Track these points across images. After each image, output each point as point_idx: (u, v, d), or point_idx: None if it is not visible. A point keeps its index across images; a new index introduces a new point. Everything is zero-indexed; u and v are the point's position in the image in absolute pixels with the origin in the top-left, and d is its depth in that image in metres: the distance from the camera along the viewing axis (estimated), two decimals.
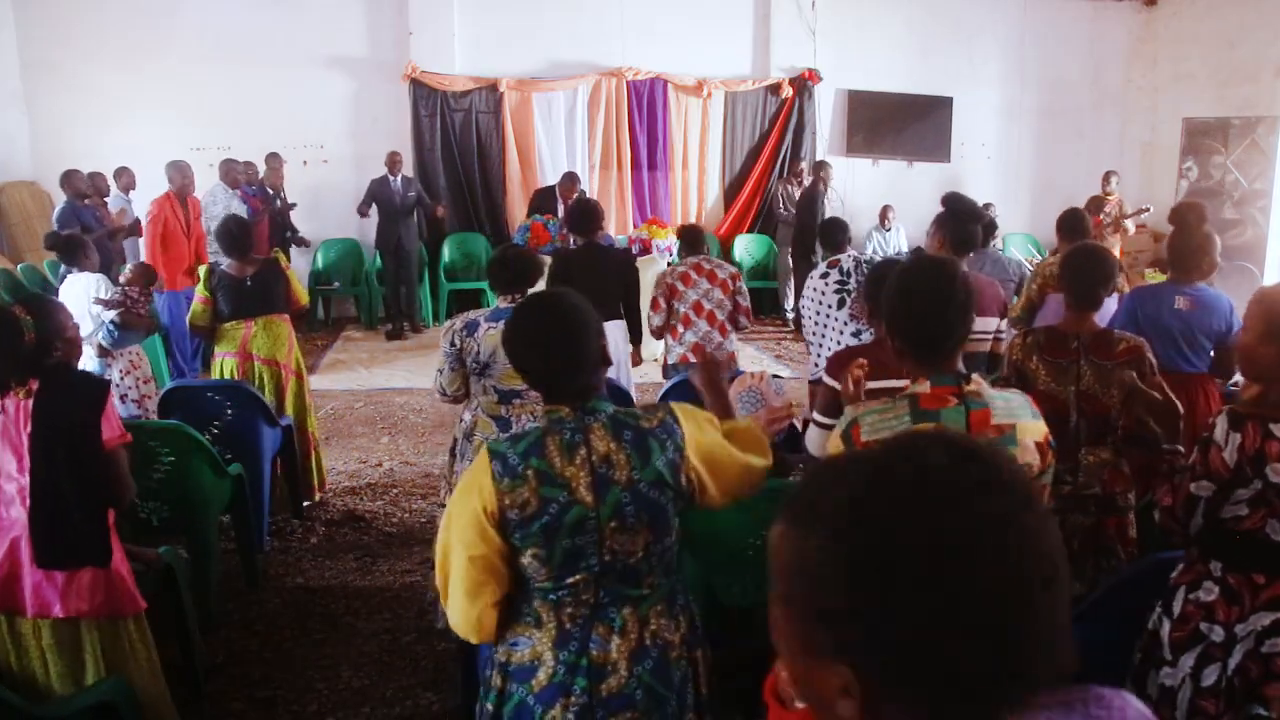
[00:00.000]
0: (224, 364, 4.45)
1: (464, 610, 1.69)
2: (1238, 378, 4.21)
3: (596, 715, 1.68)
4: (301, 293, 4.67)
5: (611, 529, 1.67)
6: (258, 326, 4.43)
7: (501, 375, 3.14)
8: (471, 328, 3.15)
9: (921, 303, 1.84)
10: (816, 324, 4.24)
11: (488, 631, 1.72)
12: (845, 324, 4.12)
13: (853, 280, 4.18)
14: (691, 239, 5.09)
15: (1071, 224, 4.73)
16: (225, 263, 4.46)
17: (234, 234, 4.46)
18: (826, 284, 4.21)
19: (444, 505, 3.48)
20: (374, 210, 8.49)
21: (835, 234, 4.66)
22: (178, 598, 3.04)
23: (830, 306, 4.19)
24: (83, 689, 2.49)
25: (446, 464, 3.47)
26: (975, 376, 1.85)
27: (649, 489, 1.68)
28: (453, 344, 3.16)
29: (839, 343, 4.09)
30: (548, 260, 4.90)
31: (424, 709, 3.10)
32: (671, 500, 1.72)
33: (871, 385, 2.44)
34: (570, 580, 1.68)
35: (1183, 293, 3.63)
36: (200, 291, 4.44)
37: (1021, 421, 1.82)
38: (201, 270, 4.61)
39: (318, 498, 4.79)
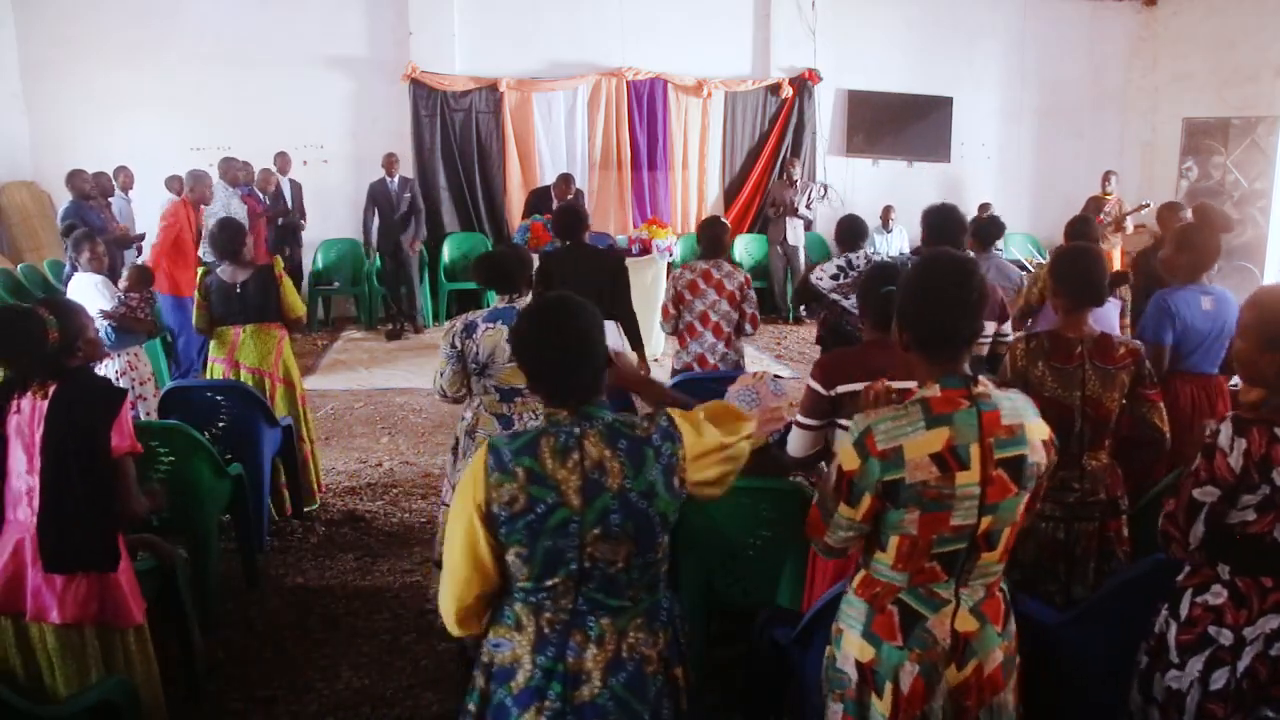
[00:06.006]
0: (214, 369, 4.54)
1: (447, 600, 1.76)
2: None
3: None
4: (295, 304, 4.53)
5: (594, 535, 1.67)
6: (246, 334, 4.45)
7: (501, 374, 3.16)
8: (470, 329, 3.18)
9: (939, 297, 1.81)
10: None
11: (466, 624, 1.78)
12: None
13: (844, 277, 4.24)
14: (711, 239, 4.73)
15: (1080, 232, 4.56)
16: (221, 267, 4.47)
17: (222, 238, 4.46)
18: (821, 277, 4.32)
19: (446, 504, 3.50)
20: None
21: (846, 233, 4.65)
22: (178, 598, 3.04)
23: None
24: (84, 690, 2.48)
25: (449, 463, 3.47)
26: (981, 377, 1.84)
27: (639, 499, 1.69)
28: (454, 345, 3.18)
29: None
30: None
31: (424, 709, 3.10)
32: (660, 514, 1.72)
33: (851, 387, 2.45)
34: (550, 583, 1.69)
35: (1205, 293, 3.53)
36: (196, 295, 4.50)
37: (1028, 421, 1.81)
38: (199, 272, 4.62)
39: (317, 502, 4.75)
